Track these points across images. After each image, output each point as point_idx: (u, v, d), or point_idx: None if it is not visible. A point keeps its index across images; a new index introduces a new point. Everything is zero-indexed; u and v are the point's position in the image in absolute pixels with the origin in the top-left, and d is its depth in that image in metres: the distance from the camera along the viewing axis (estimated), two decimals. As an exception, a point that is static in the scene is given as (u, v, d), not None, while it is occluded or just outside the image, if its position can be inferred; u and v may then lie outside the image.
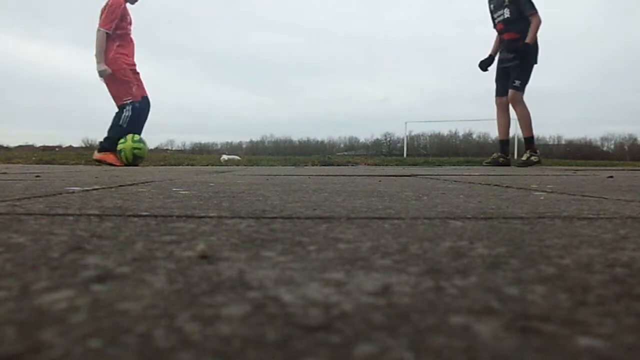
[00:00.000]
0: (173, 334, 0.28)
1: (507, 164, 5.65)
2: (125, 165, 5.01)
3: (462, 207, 1.01)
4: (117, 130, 5.21)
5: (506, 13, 5.38)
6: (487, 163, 5.80)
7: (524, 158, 5.56)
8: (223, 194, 1.29)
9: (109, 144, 5.22)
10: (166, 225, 0.72)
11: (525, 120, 5.46)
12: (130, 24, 5.33)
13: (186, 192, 1.37)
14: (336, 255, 0.51)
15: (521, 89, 5.37)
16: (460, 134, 36.46)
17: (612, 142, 36.15)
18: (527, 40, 5.26)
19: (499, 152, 5.77)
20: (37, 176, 2.30)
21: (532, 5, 5.28)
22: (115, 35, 5.15)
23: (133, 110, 5.24)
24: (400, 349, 0.26)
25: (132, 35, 5.38)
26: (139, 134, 5.31)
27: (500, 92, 5.62)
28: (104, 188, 1.49)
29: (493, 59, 5.71)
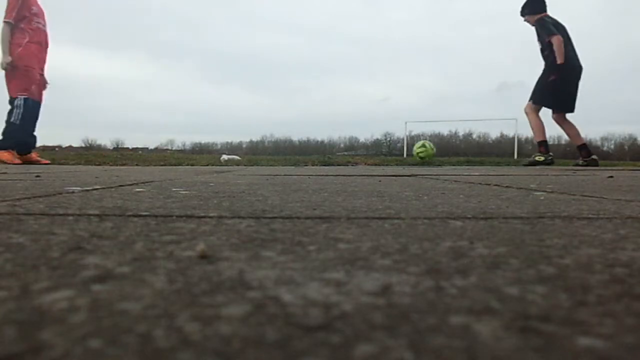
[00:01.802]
0: (173, 334, 0.28)
1: (551, 162, 6.10)
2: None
3: (462, 207, 1.01)
4: (10, 127, 5.12)
5: (539, 46, 5.94)
6: (528, 163, 6.15)
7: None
8: (223, 194, 1.29)
9: (2, 142, 5.15)
10: (166, 225, 0.72)
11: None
12: (38, 16, 5.20)
13: (186, 192, 1.37)
14: (336, 255, 0.51)
15: (531, 99, 5.92)
16: (460, 134, 36.50)
17: (612, 142, 36.22)
18: (558, 61, 5.69)
19: (540, 151, 6.23)
20: (37, 176, 2.30)
21: (549, 31, 5.76)
22: (25, 29, 5.04)
23: (25, 106, 5.10)
24: (400, 349, 0.26)
25: (46, 30, 5.27)
26: (32, 132, 5.26)
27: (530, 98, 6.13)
28: (104, 188, 1.49)
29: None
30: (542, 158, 5.98)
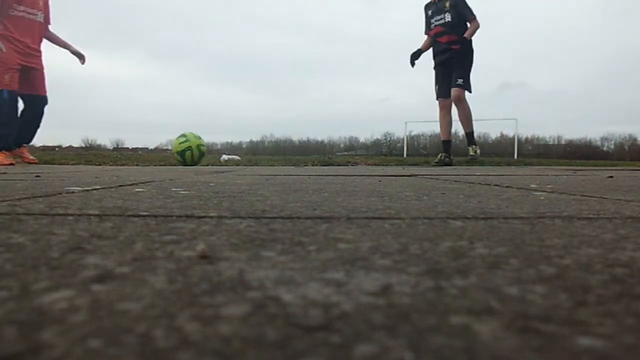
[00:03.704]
0: (173, 334, 0.28)
1: (450, 163, 5.92)
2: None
3: (462, 207, 1.01)
4: None
5: (447, 17, 5.73)
6: (435, 163, 6.00)
7: (471, 153, 5.91)
8: (223, 194, 1.29)
9: None
10: (166, 225, 0.72)
11: (468, 118, 5.77)
12: (21, 3, 4.84)
13: (186, 192, 1.37)
14: (336, 255, 0.51)
15: (465, 86, 5.64)
16: (460, 134, 36.48)
17: (612, 142, 36.24)
18: (465, 35, 5.60)
19: (443, 152, 6.02)
20: (37, 176, 2.30)
21: (472, 11, 5.67)
22: (2, 18, 4.72)
23: (1, 99, 4.70)
24: (400, 349, 0.26)
25: (32, 18, 4.91)
26: (13, 128, 4.85)
27: (443, 94, 5.84)
28: (104, 188, 1.49)
29: (421, 53, 5.98)
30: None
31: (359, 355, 0.26)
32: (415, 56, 5.95)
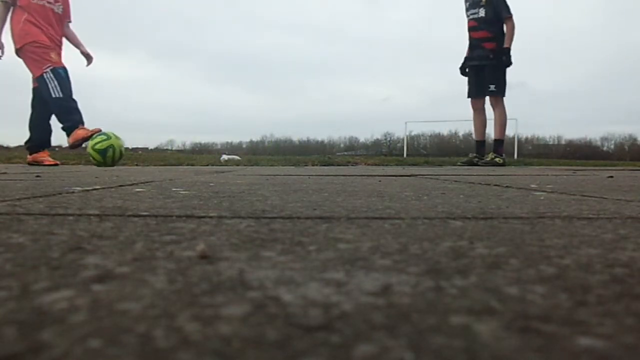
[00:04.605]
0: (173, 334, 0.28)
1: (478, 164, 5.76)
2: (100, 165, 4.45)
3: (462, 207, 1.01)
4: (58, 107, 4.61)
5: (481, 12, 5.53)
6: (462, 163, 5.88)
7: (488, 158, 5.72)
8: (223, 194, 1.29)
9: (33, 142, 4.75)
10: (166, 225, 0.72)
11: (502, 124, 5.64)
12: None
13: (186, 192, 1.37)
14: (336, 255, 0.51)
15: (498, 92, 5.50)
16: (460, 134, 36.47)
17: (612, 142, 36.25)
18: (506, 44, 5.42)
19: (475, 153, 5.89)
20: (37, 176, 2.30)
21: (509, 9, 5.44)
22: (22, 8, 4.68)
23: (56, 74, 4.64)
24: (400, 349, 0.26)
25: (52, 8, 4.87)
26: (70, 101, 4.68)
27: (475, 93, 5.69)
28: (104, 188, 1.49)
29: (467, 62, 5.84)
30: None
31: (359, 355, 0.26)
32: (464, 68, 5.79)
